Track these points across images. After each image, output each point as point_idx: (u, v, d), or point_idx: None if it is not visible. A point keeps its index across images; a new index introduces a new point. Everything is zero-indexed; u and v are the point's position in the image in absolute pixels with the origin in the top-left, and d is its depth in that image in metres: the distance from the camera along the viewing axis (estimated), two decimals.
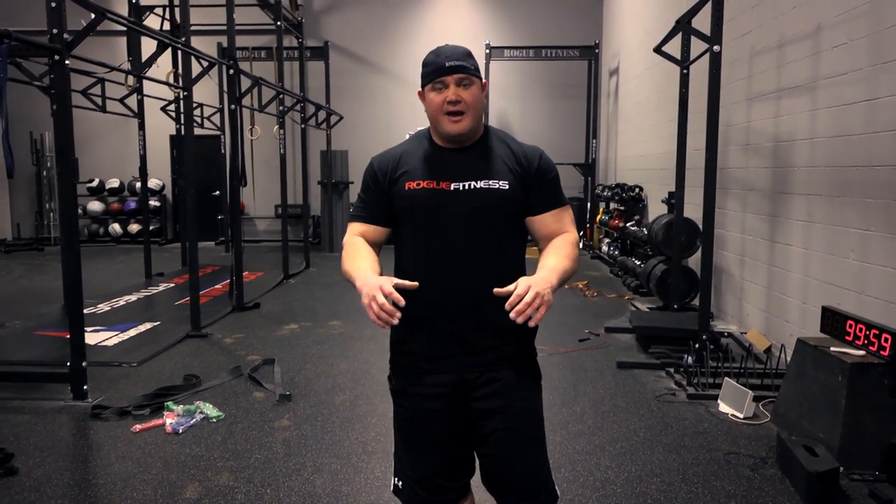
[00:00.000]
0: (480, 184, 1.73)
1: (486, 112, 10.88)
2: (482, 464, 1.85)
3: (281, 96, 8.38)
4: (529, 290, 1.52)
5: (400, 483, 1.89)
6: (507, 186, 1.73)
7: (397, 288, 1.55)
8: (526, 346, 1.84)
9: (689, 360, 4.38)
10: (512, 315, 1.51)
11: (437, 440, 1.82)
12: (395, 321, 1.53)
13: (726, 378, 3.99)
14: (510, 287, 1.54)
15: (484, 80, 1.77)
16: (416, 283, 1.59)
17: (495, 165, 1.76)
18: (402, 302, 1.54)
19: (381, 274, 1.68)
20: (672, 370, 4.48)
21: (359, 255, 1.74)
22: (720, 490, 2.90)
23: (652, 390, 4.20)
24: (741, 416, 3.71)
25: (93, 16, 4.01)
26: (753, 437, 3.48)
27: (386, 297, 1.53)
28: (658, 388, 4.25)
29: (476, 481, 1.90)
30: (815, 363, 3.37)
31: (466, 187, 1.73)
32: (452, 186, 1.73)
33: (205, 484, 2.96)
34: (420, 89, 1.78)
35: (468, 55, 1.73)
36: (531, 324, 1.52)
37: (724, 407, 3.86)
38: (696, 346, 4.42)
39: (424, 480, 1.84)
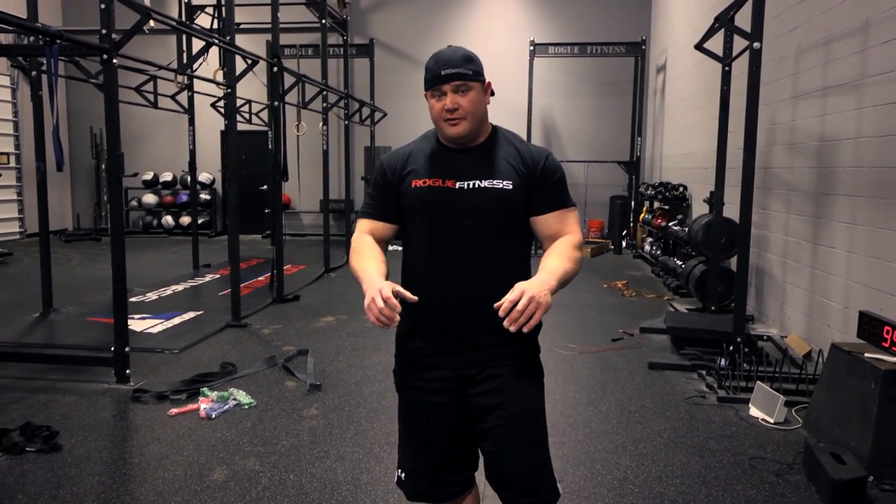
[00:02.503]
0: (484, 183, 1.76)
1: (528, 110, 10.91)
2: (484, 458, 1.87)
3: (324, 93, 8.54)
4: (523, 294, 1.53)
5: (403, 475, 1.93)
6: (510, 186, 1.75)
7: (397, 296, 1.60)
8: (528, 343, 1.85)
9: (722, 362, 4.31)
10: (505, 324, 1.54)
11: (438, 434, 1.86)
12: (394, 323, 1.58)
13: (758, 382, 3.91)
14: (506, 297, 1.56)
15: (488, 81, 1.78)
16: (415, 298, 1.62)
17: (500, 165, 1.78)
18: (398, 308, 1.58)
19: (388, 274, 1.74)
20: (704, 372, 4.41)
21: (366, 255, 1.79)
22: (741, 494, 2.86)
23: (681, 392, 4.14)
24: (772, 420, 3.63)
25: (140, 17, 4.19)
26: (782, 442, 3.41)
27: (385, 301, 1.57)
28: (688, 390, 4.19)
29: (481, 475, 1.93)
30: (849, 369, 3.27)
31: (471, 186, 1.76)
32: (457, 185, 1.76)
33: (232, 467, 3.07)
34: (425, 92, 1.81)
35: (467, 59, 1.73)
36: (525, 330, 1.54)
37: (754, 411, 3.78)
38: (730, 348, 4.34)
39: (426, 473, 1.89)
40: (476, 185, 1.76)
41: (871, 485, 2.88)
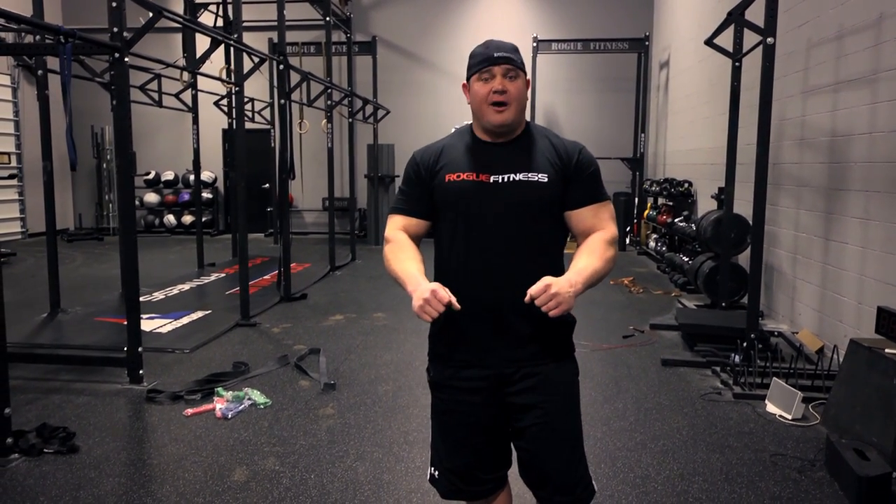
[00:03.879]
0: (520, 176, 1.74)
1: (531, 106, 10.88)
2: (520, 457, 1.86)
3: (329, 91, 8.51)
4: (548, 289, 1.56)
5: (436, 473, 1.92)
6: (546, 179, 1.74)
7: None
8: (564, 341, 1.84)
9: (737, 358, 4.30)
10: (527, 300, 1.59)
11: (473, 432, 1.84)
12: (443, 308, 1.59)
13: (774, 378, 3.90)
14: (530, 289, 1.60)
15: (527, 77, 1.78)
16: (458, 306, 1.62)
17: (535, 159, 1.77)
18: (450, 299, 1.60)
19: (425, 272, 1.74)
20: (718, 369, 4.40)
21: (405, 256, 1.77)
22: (765, 491, 2.85)
23: (697, 389, 4.14)
24: (789, 417, 3.63)
25: (151, 14, 4.16)
26: (802, 438, 3.40)
27: (438, 300, 1.59)
28: (703, 386, 4.18)
29: (514, 473, 1.92)
30: (869, 365, 3.27)
31: (506, 180, 1.74)
32: (492, 179, 1.75)
33: (252, 468, 3.06)
34: (464, 82, 1.80)
35: (515, 49, 1.77)
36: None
37: (771, 407, 3.78)
38: (744, 344, 4.33)
39: (460, 471, 1.87)
40: (511, 179, 1.74)
41: (895, 481, 2.87)
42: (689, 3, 9.52)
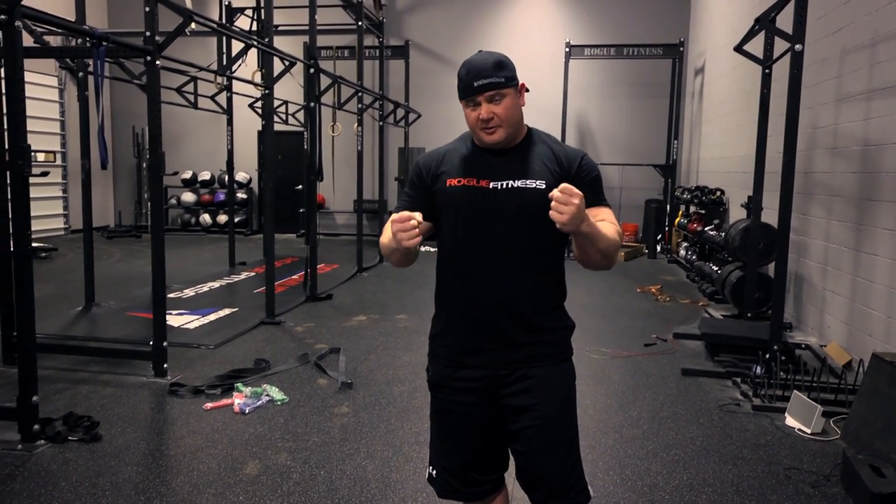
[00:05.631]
0: (518, 183, 1.76)
1: (562, 112, 10.84)
2: (515, 459, 1.88)
3: (360, 94, 8.61)
4: (572, 197, 1.53)
5: (434, 472, 1.95)
6: (544, 186, 1.75)
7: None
8: (560, 344, 1.85)
9: (758, 370, 4.23)
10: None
11: (469, 433, 1.87)
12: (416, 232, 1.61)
13: (795, 391, 3.82)
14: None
15: (521, 83, 1.78)
16: (417, 222, 1.61)
17: (534, 166, 1.78)
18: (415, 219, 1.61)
19: (414, 259, 1.79)
20: (739, 380, 4.33)
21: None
22: None
23: (715, 399, 4.08)
24: (809, 431, 3.55)
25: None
26: (819, 453, 3.33)
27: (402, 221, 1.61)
28: (722, 397, 4.12)
29: (511, 475, 1.94)
30: (891, 380, 3.19)
31: (505, 186, 1.76)
32: (491, 185, 1.77)
33: (264, 462, 3.13)
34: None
35: (499, 66, 1.71)
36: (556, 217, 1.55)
37: (790, 421, 3.71)
38: (766, 356, 4.26)
39: (457, 471, 1.90)
40: (510, 185, 1.76)
41: None
42: (724, 9, 9.38)
